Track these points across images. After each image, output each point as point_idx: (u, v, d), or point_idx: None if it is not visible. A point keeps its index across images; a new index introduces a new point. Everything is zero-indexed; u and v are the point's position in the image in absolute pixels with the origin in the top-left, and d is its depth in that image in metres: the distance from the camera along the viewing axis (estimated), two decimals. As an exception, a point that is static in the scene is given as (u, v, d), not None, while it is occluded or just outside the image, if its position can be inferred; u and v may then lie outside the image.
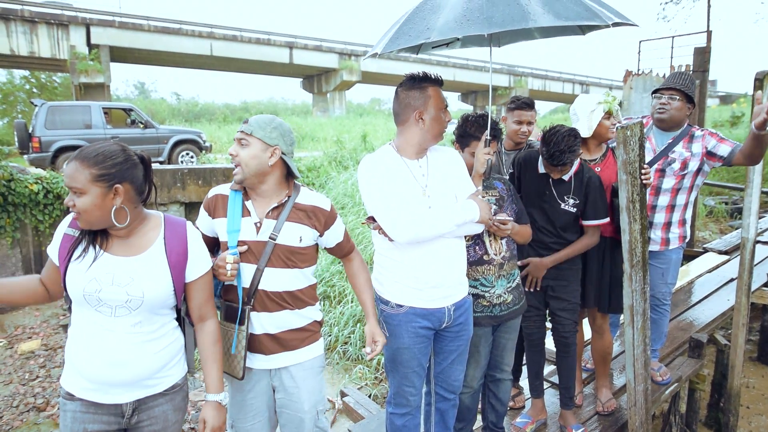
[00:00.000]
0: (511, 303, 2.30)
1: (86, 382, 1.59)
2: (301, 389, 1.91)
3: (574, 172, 2.49)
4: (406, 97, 1.98)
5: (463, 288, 2.09)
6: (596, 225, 2.52)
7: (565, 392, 2.74)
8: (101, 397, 1.60)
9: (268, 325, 1.85)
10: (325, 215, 1.90)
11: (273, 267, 1.82)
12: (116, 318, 1.57)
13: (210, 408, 1.72)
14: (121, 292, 1.56)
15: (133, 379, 1.61)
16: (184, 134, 11.64)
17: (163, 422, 1.69)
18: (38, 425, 4.66)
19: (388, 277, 2.05)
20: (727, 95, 41.60)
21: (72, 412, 1.60)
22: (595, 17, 2.21)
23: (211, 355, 1.74)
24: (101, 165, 1.50)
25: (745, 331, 3.65)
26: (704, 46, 6.76)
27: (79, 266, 1.55)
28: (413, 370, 2.08)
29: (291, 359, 1.90)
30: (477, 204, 1.97)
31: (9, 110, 24.02)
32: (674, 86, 2.81)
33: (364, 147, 12.46)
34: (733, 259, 5.92)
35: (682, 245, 3.04)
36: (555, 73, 36.54)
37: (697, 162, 2.84)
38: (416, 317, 2.01)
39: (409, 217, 1.89)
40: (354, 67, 26.96)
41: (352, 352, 5.09)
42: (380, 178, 1.94)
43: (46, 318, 7.08)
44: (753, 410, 4.80)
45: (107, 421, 1.62)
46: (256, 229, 1.83)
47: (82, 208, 1.50)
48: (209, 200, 1.90)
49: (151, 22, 21.82)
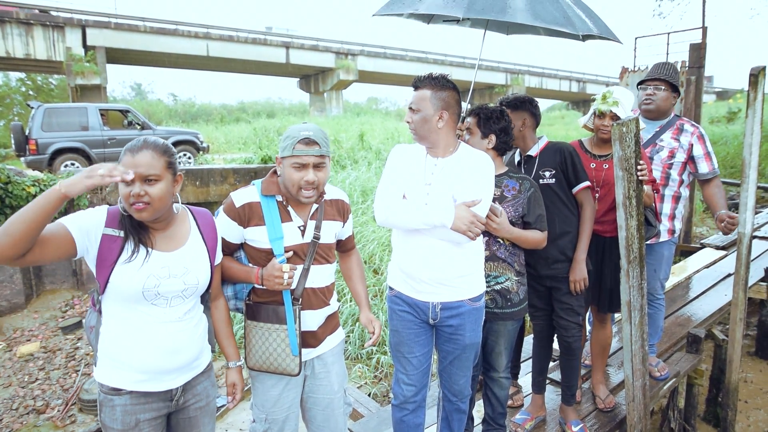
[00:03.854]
0: (491, 304, 2.28)
1: (138, 374, 1.63)
2: (330, 373, 2.02)
3: (541, 148, 2.50)
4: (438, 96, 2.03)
5: (454, 291, 2.04)
6: (585, 188, 2.47)
7: (567, 389, 2.76)
8: (155, 385, 1.65)
9: (311, 322, 1.94)
10: (346, 207, 2.04)
11: (316, 264, 1.91)
12: (171, 308, 1.64)
13: (235, 372, 1.91)
14: (179, 283, 1.63)
15: (186, 364, 1.70)
16: (181, 135, 11.62)
17: (206, 398, 1.81)
18: (38, 427, 4.65)
19: (392, 260, 2.18)
20: (723, 91, 41.68)
21: (122, 406, 1.63)
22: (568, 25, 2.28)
23: (227, 328, 1.91)
24: (170, 153, 1.58)
25: (742, 326, 3.66)
26: (699, 42, 6.77)
27: (131, 266, 1.57)
28: (404, 356, 2.15)
29: (323, 348, 2.01)
30: (455, 212, 1.88)
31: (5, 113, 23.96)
32: (658, 77, 2.91)
33: (361, 146, 12.47)
34: (730, 255, 5.95)
35: (672, 240, 3.07)
36: (552, 70, 36.53)
37: (684, 155, 2.91)
38: (402, 302, 2.12)
39: (390, 202, 1.99)
40: (351, 67, 26.92)
41: (351, 351, 5.10)
42: (393, 163, 2.08)
43: (44, 320, 7.07)
44: (751, 405, 4.82)
45: (157, 408, 1.69)
46: (301, 232, 1.88)
47: (157, 195, 1.52)
48: (238, 209, 1.82)
49: (147, 23, 21.75)
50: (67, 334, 6.74)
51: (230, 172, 9.57)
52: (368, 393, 4.50)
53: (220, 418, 4.32)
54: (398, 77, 30.26)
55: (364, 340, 5.19)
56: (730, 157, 13.18)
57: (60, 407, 4.92)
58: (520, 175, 2.33)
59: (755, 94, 3.10)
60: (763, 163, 11.72)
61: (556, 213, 2.46)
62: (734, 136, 14.38)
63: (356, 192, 8.44)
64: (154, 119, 23.12)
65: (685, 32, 7.36)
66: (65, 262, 7.83)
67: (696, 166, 2.95)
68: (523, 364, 3.35)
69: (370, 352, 5.06)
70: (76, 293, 7.77)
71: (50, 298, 7.60)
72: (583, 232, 2.49)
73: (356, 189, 8.57)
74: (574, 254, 2.49)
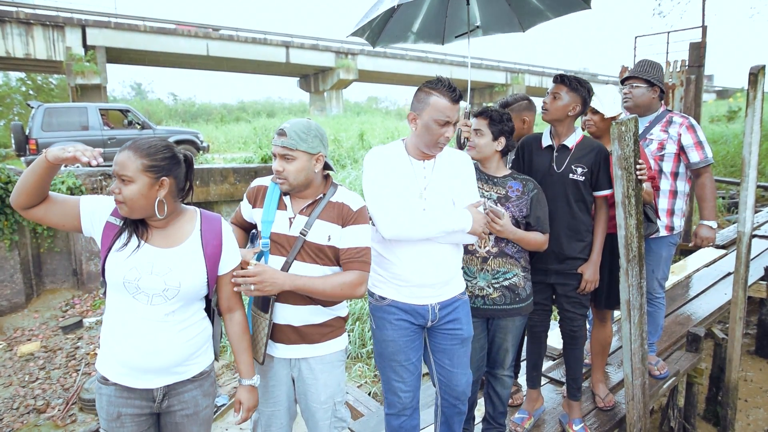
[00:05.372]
0: (499, 301, 2.28)
1: (120, 367, 1.66)
2: (318, 381, 1.96)
3: (577, 141, 2.45)
4: (415, 96, 1.98)
5: (450, 288, 2.07)
6: (605, 196, 2.48)
7: (572, 383, 2.74)
8: (133, 381, 1.67)
9: (291, 317, 1.90)
10: (349, 213, 1.87)
11: (302, 261, 1.86)
12: (152, 306, 1.64)
13: (244, 391, 1.85)
14: (159, 282, 1.63)
15: (164, 366, 1.68)
16: (182, 135, 11.64)
17: (194, 407, 1.78)
18: (38, 427, 4.66)
19: (374, 269, 2.06)
20: (723, 90, 41.67)
21: (107, 396, 1.68)
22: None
23: (241, 343, 1.85)
24: (152, 157, 1.59)
25: (742, 325, 3.66)
26: (699, 41, 6.76)
27: (120, 254, 1.62)
28: (401, 363, 2.08)
29: (311, 352, 1.95)
30: (471, 215, 1.94)
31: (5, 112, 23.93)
32: (633, 74, 2.98)
33: (361, 145, 12.47)
34: (730, 254, 5.94)
35: (671, 238, 3.06)
36: (552, 69, 36.49)
37: (674, 146, 2.92)
38: (398, 311, 2.04)
39: (398, 214, 1.91)
40: (351, 66, 26.91)
41: (351, 351, 5.10)
42: (379, 170, 1.97)
43: (45, 320, 7.08)
44: (751, 403, 4.82)
45: (139, 405, 1.70)
46: (289, 223, 1.88)
47: (128, 196, 1.57)
48: (252, 190, 1.98)
49: (147, 22, 21.73)
50: (68, 333, 6.75)
51: (230, 172, 9.57)
52: (368, 392, 4.51)
53: (220, 417, 4.32)
54: (398, 76, 30.23)
55: (364, 340, 5.19)
56: (730, 156, 13.18)
57: (60, 406, 4.93)
58: (523, 176, 2.34)
59: (755, 93, 3.10)
60: (763, 162, 11.71)
61: (576, 210, 2.45)
62: (734, 135, 14.37)
63: (356, 191, 8.43)
64: (154, 119, 23.10)
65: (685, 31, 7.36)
66: (65, 262, 7.84)
67: (687, 156, 2.94)
68: (523, 363, 3.35)
69: (370, 352, 5.07)
70: (76, 293, 7.78)
71: (50, 297, 7.62)
72: (598, 235, 2.51)
73: (356, 189, 8.57)
74: (589, 255, 2.51)
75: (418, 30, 3.46)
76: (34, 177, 1.55)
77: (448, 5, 3.37)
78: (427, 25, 3.45)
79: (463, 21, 3.34)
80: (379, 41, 3.36)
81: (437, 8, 3.37)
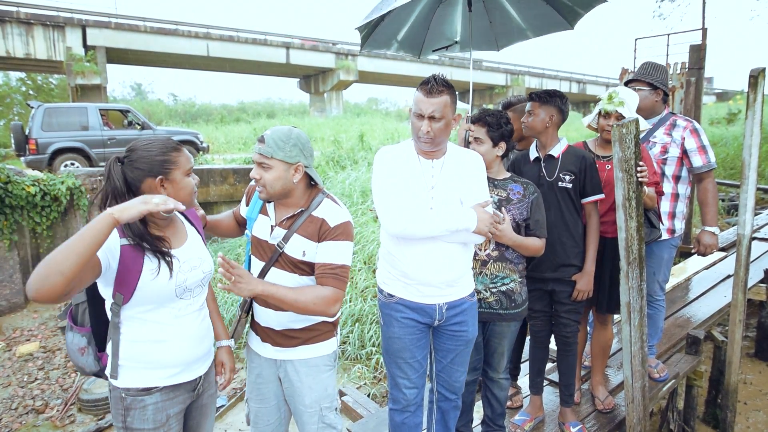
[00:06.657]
0: (496, 306, 2.29)
1: (170, 368, 1.68)
2: (303, 384, 1.95)
3: (563, 150, 2.49)
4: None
5: (458, 289, 2.07)
6: (594, 201, 2.50)
7: (565, 390, 2.76)
8: (186, 376, 1.72)
9: (272, 321, 1.92)
10: (326, 229, 1.80)
11: (280, 269, 1.86)
12: (194, 299, 1.73)
13: (224, 352, 1.97)
14: (199, 273, 1.73)
15: (208, 349, 1.80)
16: (181, 135, 11.64)
17: (214, 385, 1.92)
18: (37, 427, 4.65)
19: (384, 266, 2.11)
20: (723, 92, 41.65)
21: (153, 404, 1.66)
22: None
23: (215, 308, 1.97)
24: None
25: (742, 328, 3.66)
26: (699, 44, 6.77)
27: (162, 270, 1.61)
28: (406, 361, 2.10)
29: (294, 354, 1.94)
30: (477, 214, 1.93)
31: (5, 112, 23.93)
32: (636, 77, 2.97)
33: (361, 147, 12.46)
34: (729, 256, 5.94)
35: (672, 241, 3.06)
36: (552, 71, 36.51)
37: (677, 149, 2.92)
38: (406, 309, 2.06)
39: (402, 212, 1.91)
40: (351, 67, 26.92)
41: (350, 352, 5.09)
42: (387, 168, 1.99)
43: (44, 320, 7.07)
44: (750, 406, 4.82)
45: (183, 400, 1.75)
46: (270, 230, 1.88)
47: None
48: (250, 188, 2.03)
49: (147, 23, 21.74)
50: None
51: (230, 172, 9.57)
52: (367, 394, 4.50)
53: (220, 418, 4.32)
54: (398, 78, 30.24)
55: (363, 341, 5.18)
56: (730, 158, 13.18)
57: (59, 407, 4.92)
58: (523, 180, 2.35)
59: (755, 96, 3.10)
60: (763, 165, 11.72)
61: (568, 218, 2.47)
62: (734, 137, 14.38)
63: (356, 192, 8.44)
64: (154, 119, 23.11)
65: (685, 33, 7.36)
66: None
67: (690, 160, 2.94)
68: (523, 365, 3.35)
69: (369, 353, 5.06)
70: (75, 293, 7.75)
71: (50, 297, 7.59)
72: (591, 243, 2.52)
73: (356, 189, 8.57)
74: (583, 265, 2.52)
75: (402, 39, 3.53)
76: (91, 246, 1.29)
77: (432, 18, 3.43)
78: (410, 35, 3.53)
79: (444, 35, 3.44)
80: (366, 45, 3.38)
81: (423, 20, 3.44)
